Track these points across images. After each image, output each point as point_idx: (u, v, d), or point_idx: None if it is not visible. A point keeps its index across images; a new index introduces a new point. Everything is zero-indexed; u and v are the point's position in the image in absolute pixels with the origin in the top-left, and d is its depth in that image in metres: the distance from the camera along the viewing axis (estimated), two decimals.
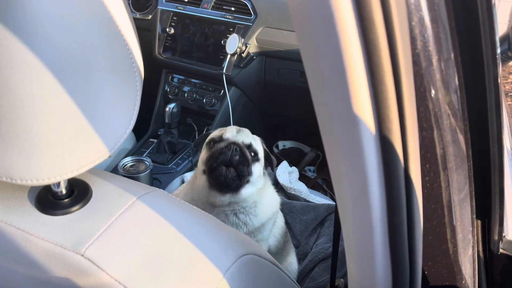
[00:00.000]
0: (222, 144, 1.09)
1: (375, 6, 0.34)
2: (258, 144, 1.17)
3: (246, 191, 1.13)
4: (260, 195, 1.19)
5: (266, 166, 1.21)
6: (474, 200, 0.53)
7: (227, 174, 1.06)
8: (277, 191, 1.34)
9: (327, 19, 0.35)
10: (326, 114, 0.41)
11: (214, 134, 1.16)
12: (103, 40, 0.49)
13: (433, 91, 0.42)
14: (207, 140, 1.17)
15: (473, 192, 0.53)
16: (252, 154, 1.12)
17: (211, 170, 1.09)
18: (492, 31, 0.43)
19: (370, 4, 0.34)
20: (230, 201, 1.13)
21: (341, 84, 0.37)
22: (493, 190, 0.53)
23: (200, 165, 1.15)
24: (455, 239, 0.50)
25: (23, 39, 0.43)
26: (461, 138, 0.47)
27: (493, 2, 0.42)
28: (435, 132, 0.43)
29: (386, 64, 0.36)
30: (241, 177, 1.09)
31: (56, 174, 0.49)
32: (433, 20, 0.39)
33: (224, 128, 1.17)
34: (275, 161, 1.24)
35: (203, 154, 1.15)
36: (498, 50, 0.47)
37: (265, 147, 1.21)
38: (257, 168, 1.15)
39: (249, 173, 1.12)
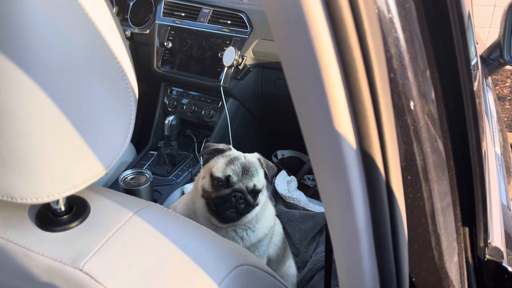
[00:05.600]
0: (227, 191, 1.13)
1: (350, 31, 0.37)
2: (260, 177, 1.17)
3: (251, 215, 1.19)
4: (259, 213, 1.23)
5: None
6: (458, 208, 0.55)
7: (231, 215, 1.14)
8: (275, 203, 1.37)
9: (307, 45, 0.37)
10: (309, 131, 0.43)
11: (220, 171, 1.15)
12: (97, 61, 0.51)
13: (411, 107, 0.44)
14: (210, 172, 1.17)
15: (457, 201, 0.54)
16: (255, 192, 1.17)
17: (215, 211, 1.15)
18: (466, 48, 0.45)
19: (346, 30, 0.36)
20: (231, 225, 1.20)
21: (322, 104, 0.40)
22: (476, 198, 0.55)
23: (200, 191, 1.18)
24: (440, 246, 0.52)
25: (20, 64, 0.45)
26: (441, 149, 0.49)
27: (466, 22, 0.44)
28: (415, 145, 0.45)
29: (363, 84, 0.39)
30: (243, 215, 1.16)
31: (55, 192, 0.51)
32: (408, 40, 0.42)
33: (229, 160, 1.16)
34: (274, 170, 1.25)
35: (207, 186, 1.17)
36: (473, 62, 0.49)
37: (265, 165, 1.22)
38: (261, 196, 1.19)
39: (253, 209, 1.18)
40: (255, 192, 1.16)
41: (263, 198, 1.22)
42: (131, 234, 0.57)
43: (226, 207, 1.12)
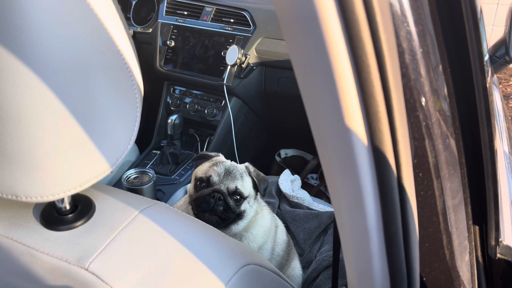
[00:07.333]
0: (206, 191, 1.11)
1: (363, 26, 0.36)
2: (244, 182, 1.15)
3: (237, 226, 1.16)
4: (249, 226, 1.20)
5: (256, 192, 1.20)
6: (469, 206, 0.54)
7: (211, 219, 1.10)
8: (278, 203, 1.32)
9: (318, 40, 0.36)
10: (319, 127, 0.42)
11: (203, 172, 1.15)
12: (103, 59, 0.50)
13: (423, 102, 0.43)
14: (195, 175, 1.17)
15: (468, 199, 0.53)
16: (238, 197, 1.13)
17: (195, 214, 1.12)
18: (479, 42, 0.44)
19: (358, 24, 0.36)
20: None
21: (332, 99, 0.39)
22: (487, 196, 0.54)
23: (189, 196, 1.18)
24: (451, 245, 0.51)
25: (26, 61, 0.45)
26: (453, 146, 0.48)
27: (478, 16, 0.43)
28: (427, 141, 0.45)
29: (375, 79, 0.38)
30: (225, 220, 1.12)
31: (60, 190, 0.51)
32: (420, 34, 0.41)
33: (214, 163, 1.16)
34: (266, 181, 1.21)
35: (191, 188, 1.17)
36: (486, 57, 0.48)
37: (254, 175, 1.19)
38: (246, 205, 1.16)
39: (236, 216, 1.14)
40: (237, 196, 1.13)
41: (252, 210, 1.18)
42: (137, 233, 0.57)
43: (203, 208, 1.09)
